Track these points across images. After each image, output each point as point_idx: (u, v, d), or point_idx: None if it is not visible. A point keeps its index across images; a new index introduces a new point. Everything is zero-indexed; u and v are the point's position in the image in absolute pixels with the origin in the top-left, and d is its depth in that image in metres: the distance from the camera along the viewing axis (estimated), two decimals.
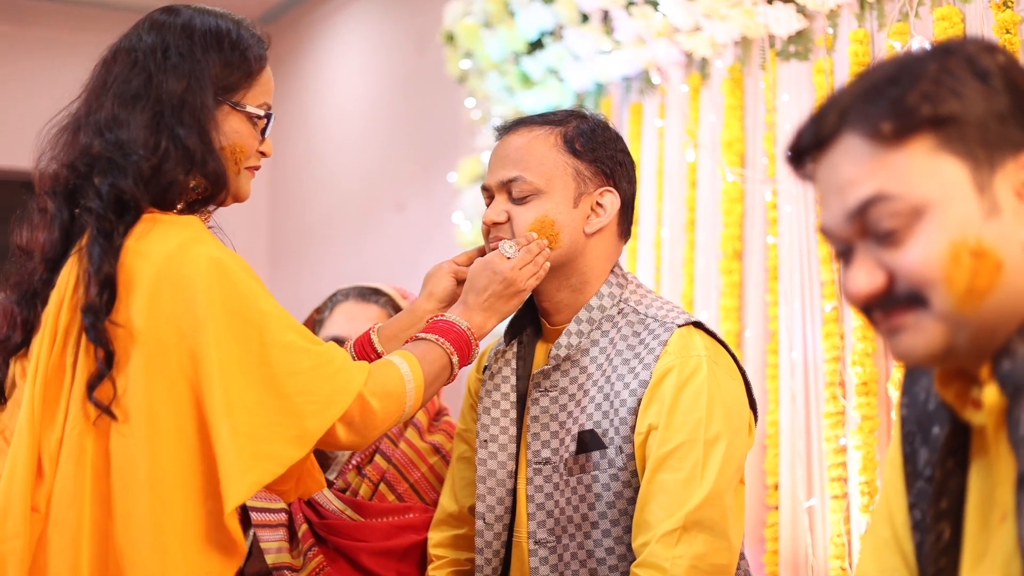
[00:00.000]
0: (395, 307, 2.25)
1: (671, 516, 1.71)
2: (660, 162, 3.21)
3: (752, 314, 2.87)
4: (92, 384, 1.50)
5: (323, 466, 2.16)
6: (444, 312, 1.81)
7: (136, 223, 1.55)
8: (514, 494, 1.90)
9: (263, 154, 1.71)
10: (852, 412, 2.51)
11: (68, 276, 1.55)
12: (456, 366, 1.74)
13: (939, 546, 1.11)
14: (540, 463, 1.85)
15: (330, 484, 2.14)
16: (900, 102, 1.02)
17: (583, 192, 1.86)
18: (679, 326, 1.82)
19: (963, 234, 1.00)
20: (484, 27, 3.75)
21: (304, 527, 2.07)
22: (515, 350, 1.94)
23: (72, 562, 1.50)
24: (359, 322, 2.20)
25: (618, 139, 1.93)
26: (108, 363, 1.50)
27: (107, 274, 1.51)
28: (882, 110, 1.02)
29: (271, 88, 1.70)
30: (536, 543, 1.83)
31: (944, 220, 1.00)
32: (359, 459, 2.14)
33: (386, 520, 2.10)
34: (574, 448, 1.81)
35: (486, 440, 1.92)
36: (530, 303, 1.95)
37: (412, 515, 2.11)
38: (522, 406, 1.91)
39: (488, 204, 1.90)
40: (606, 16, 3.30)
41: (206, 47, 1.62)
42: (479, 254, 1.91)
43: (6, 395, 1.62)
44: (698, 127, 3.07)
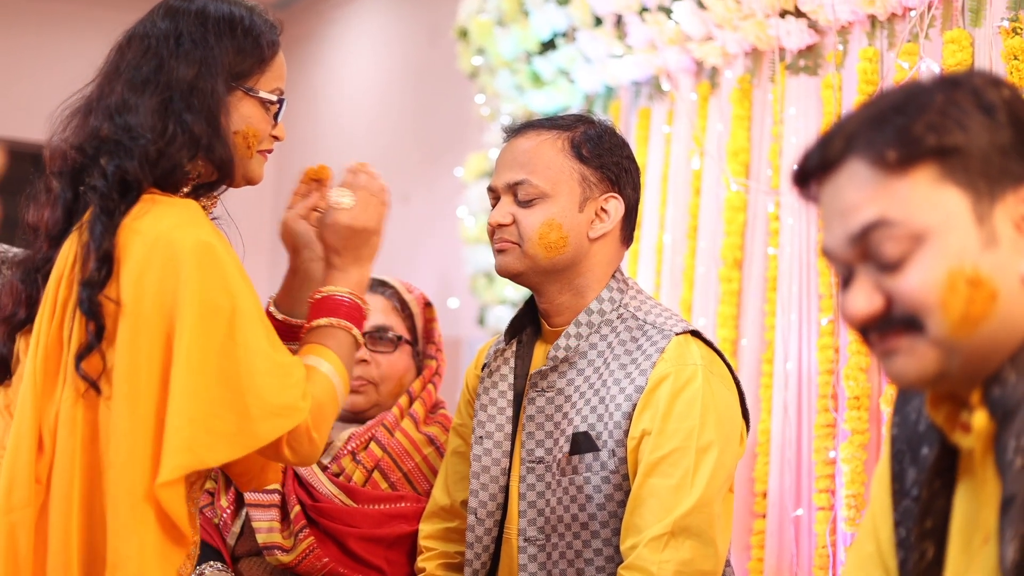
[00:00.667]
0: (400, 300, 2.27)
1: (660, 521, 1.74)
2: (666, 168, 3.23)
3: (749, 323, 2.90)
4: (80, 356, 1.53)
5: None
6: (324, 283, 1.73)
7: (136, 203, 1.57)
8: (506, 491, 1.92)
9: (276, 138, 1.74)
10: (843, 426, 2.53)
11: (68, 252, 1.58)
12: (359, 337, 1.70)
13: (922, 564, 1.14)
14: (534, 462, 1.88)
15: (324, 468, 2.16)
16: (906, 131, 1.04)
17: (588, 197, 1.88)
18: (677, 334, 1.84)
19: (961, 263, 1.02)
20: (498, 25, 3.77)
21: (297, 508, 2.09)
22: (514, 349, 1.97)
23: (65, 534, 1.53)
24: None
25: (624, 146, 1.95)
26: (98, 336, 1.52)
27: (106, 250, 1.53)
28: (888, 138, 1.04)
29: (283, 73, 1.72)
30: (526, 540, 1.86)
31: (943, 248, 1.03)
32: (354, 445, 2.17)
33: (378, 508, 2.13)
34: (568, 449, 1.84)
35: (481, 436, 1.94)
36: (531, 304, 1.97)
37: (404, 504, 2.14)
38: (518, 405, 1.93)
39: (494, 205, 1.93)
40: (619, 20, 3.32)
41: (219, 34, 1.64)
42: (307, 185, 1.82)
43: (12, 370, 1.65)
44: (705, 135, 3.10)
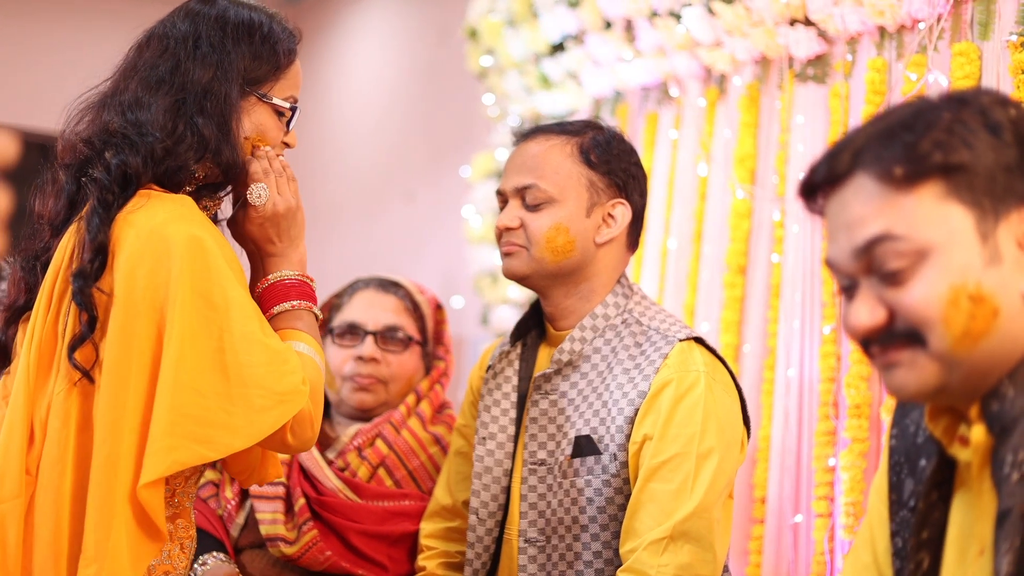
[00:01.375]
0: (412, 301, 2.29)
1: (660, 525, 1.75)
2: (672, 173, 3.24)
3: (752, 329, 2.91)
4: (73, 346, 1.54)
5: (324, 446, 2.21)
6: (267, 271, 1.73)
7: (133, 196, 1.58)
8: (508, 492, 1.94)
9: (287, 145, 1.75)
10: (843, 434, 2.54)
11: (66, 244, 1.60)
12: (319, 312, 1.72)
13: (917, 574, 1.15)
14: (536, 464, 1.89)
15: (330, 462, 2.18)
16: (913, 148, 1.06)
17: (595, 203, 1.90)
18: (680, 340, 1.86)
19: (964, 279, 1.04)
20: (507, 25, 3.78)
21: (301, 501, 2.11)
22: (519, 351, 1.98)
23: (55, 525, 1.53)
24: (377, 311, 2.25)
25: (632, 152, 1.97)
26: (91, 327, 1.53)
27: (101, 242, 1.55)
28: (895, 154, 1.06)
29: (299, 82, 1.74)
30: (526, 541, 1.87)
31: (947, 264, 1.04)
32: (361, 441, 2.19)
33: (382, 504, 2.15)
34: (569, 452, 1.85)
35: (484, 438, 1.96)
36: (536, 307, 1.99)
37: (408, 502, 2.16)
38: (522, 407, 1.95)
39: (502, 208, 1.94)
40: (629, 25, 3.33)
41: (237, 39, 1.66)
42: None
43: (11, 358, 1.66)
44: (712, 141, 3.10)
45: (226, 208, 1.76)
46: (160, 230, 1.54)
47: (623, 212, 1.92)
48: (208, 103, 1.62)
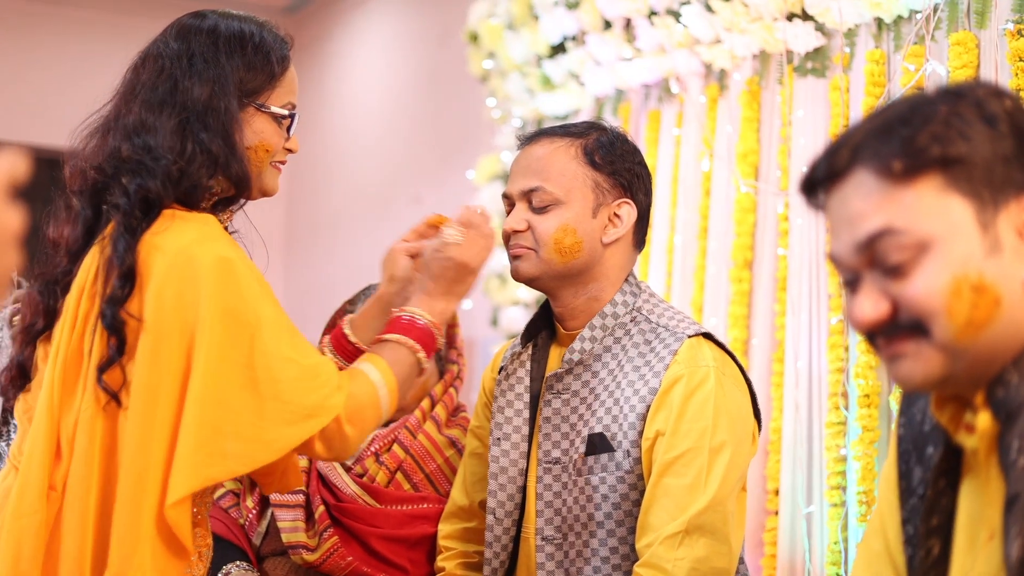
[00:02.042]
0: None
1: (675, 519, 1.77)
2: (676, 170, 3.25)
3: (760, 323, 2.93)
4: (102, 369, 1.55)
5: None
6: (407, 303, 1.79)
7: (157, 219, 1.60)
8: (524, 491, 1.96)
9: (289, 150, 1.77)
10: (853, 423, 2.56)
11: (89, 266, 1.61)
12: (423, 361, 1.75)
13: (928, 561, 1.17)
14: (550, 463, 1.91)
15: (348, 469, 2.20)
16: (911, 142, 1.07)
17: (601, 203, 1.92)
18: (689, 336, 1.88)
19: (965, 269, 1.05)
20: (508, 28, 3.80)
21: (321, 508, 2.13)
22: (530, 352, 2.00)
23: (80, 540, 1.55)
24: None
25: (636, 152, 1.99)
26: (120, 350, 1.55)
27: (129, 267, 1.56)
28: (893, 148, 1.08)
29: (295, 87, 1.75)
30: (543, 539, 1.90)
31: (948, 255, 1.06)
32: (378, 446, 2.21)
33: (401, 508, 2.17)
34: (583, 449, 1.88)
35: (499, 438, 1.98)
36: (546, 307, 2.01)
37: (427, 505, 2.18)
38: (535, 407, 1.97)
39: (508, 212, 1.96)
40: (628, 24, 3.35)
41: (230, 52, 1.67)
42: (427, 228, 1.90)
43: (30, 376, 1.68)
44: (714, 137, 3.12)
45: (236, 222, 1.78)
46: (187, 251, 1.56)
47: (629, 212, 1.94)
48: (210, 119, 1.64)
